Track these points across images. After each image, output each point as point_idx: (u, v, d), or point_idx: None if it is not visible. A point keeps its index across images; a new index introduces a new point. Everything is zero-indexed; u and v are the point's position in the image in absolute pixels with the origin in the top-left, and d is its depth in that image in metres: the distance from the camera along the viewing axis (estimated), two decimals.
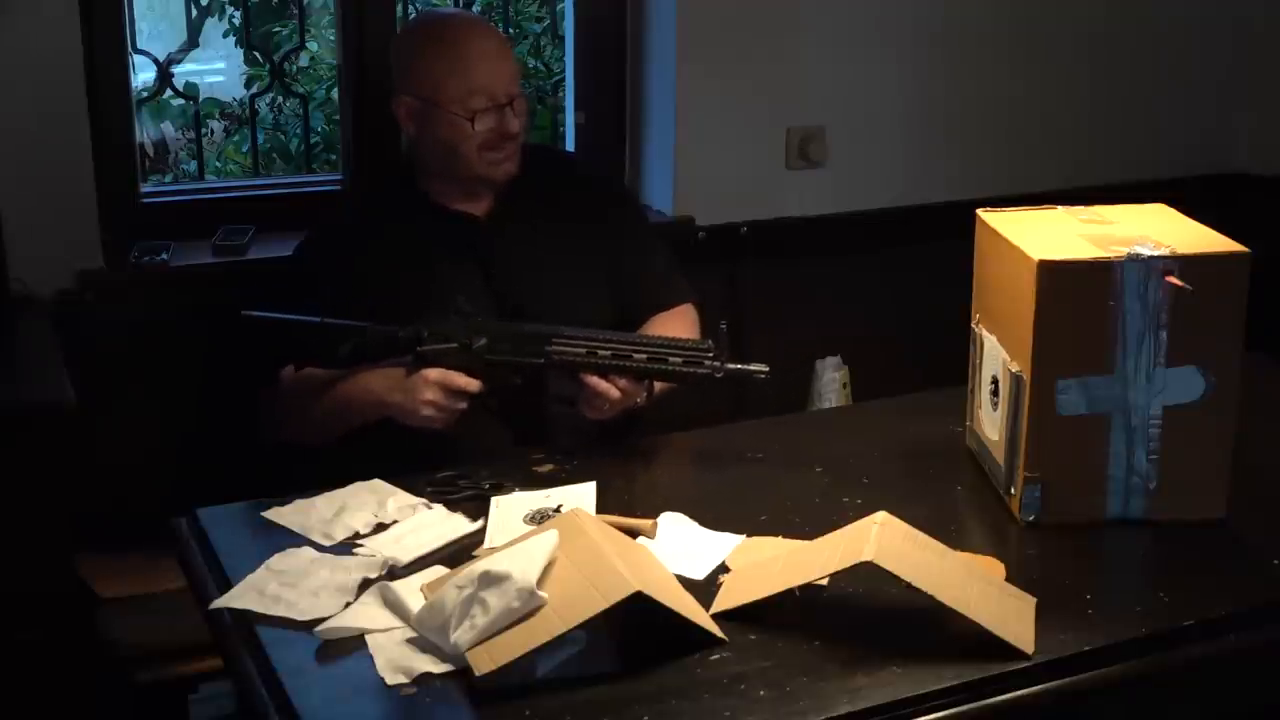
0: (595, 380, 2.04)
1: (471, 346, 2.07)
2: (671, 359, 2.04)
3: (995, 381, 1.91)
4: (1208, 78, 3.49)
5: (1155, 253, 1.76)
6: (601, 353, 2.04)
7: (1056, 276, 1.75)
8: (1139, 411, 1.80)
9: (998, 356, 1.90)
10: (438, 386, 2.07)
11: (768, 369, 2.04)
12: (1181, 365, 1.79)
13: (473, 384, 2.07)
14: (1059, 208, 2.00)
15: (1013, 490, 1.85)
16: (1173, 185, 2.82)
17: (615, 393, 2.05)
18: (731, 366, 2.03)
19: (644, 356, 2.04)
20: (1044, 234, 1.86)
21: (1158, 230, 1.87)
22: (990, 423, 1.93)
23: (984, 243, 1.98)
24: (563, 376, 2.08)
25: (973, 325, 2.00)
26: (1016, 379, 1.81)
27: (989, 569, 1.69)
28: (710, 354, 2.03)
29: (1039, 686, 1.50)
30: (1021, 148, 3.30)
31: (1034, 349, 1.77)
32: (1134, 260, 1.75)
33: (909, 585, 1.52)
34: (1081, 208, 2.00)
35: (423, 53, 2.30)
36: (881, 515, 1.63)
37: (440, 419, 2.09)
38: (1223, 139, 3.51)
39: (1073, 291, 1.76)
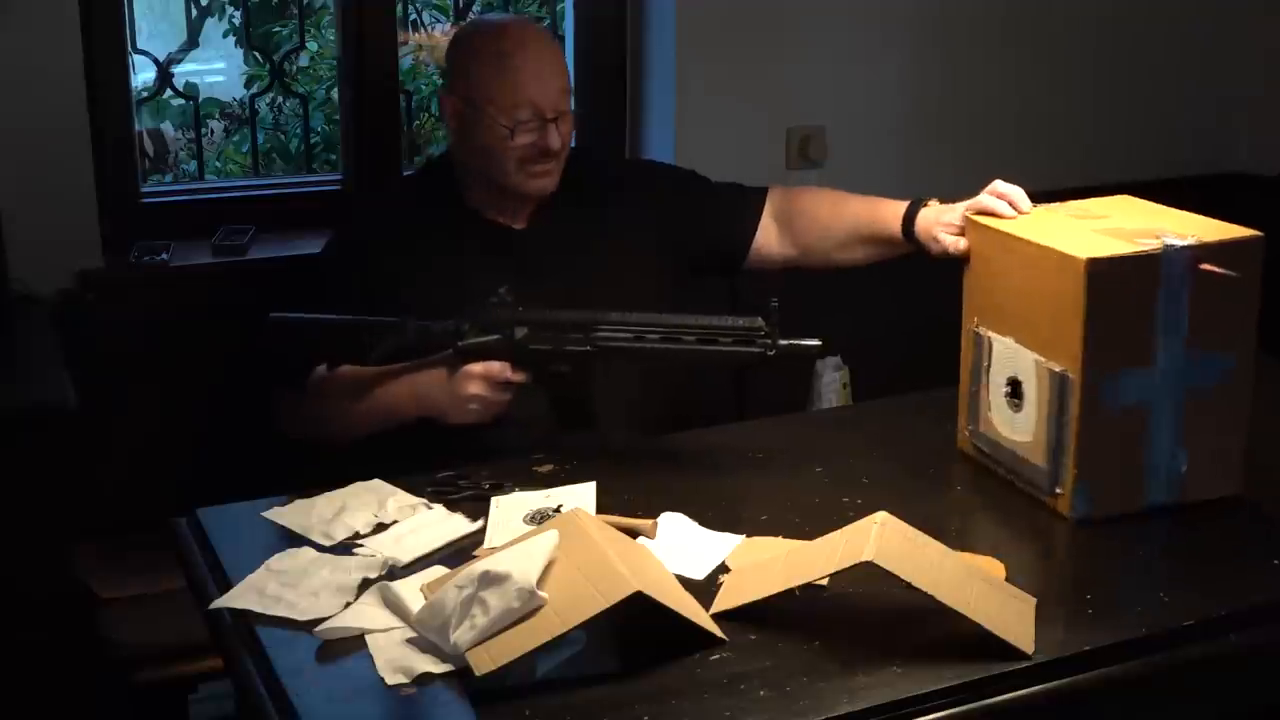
0: None
1: (514, 337, 2.03)
2: (722, 340, 1.99)
3: (1013, 383, 1.91)
4: (1208, 78, 3.49)
5: (1186, 242, 1.79)
6: (650, 336, 2.01)
7: (1105, 273, 1.76)
8: (1173, 399, 1.83)
9: (1018, 358, 1.90)
10: (482, 380, 2.03)
11: (820, 342, 1.99)
12: (1207, 349, 1.83)
13: (518, 374, 2.04)
14: (1039, 206, 2.01)
15: (1058, 490, 1.85)
16: (1173, 185, 2.82)
17: None
18: (784, 343, 1.98)
19: (693, 339, 1.99)
20: (1058, 232, 1.88)
21: (1157, 220, 1.91)
22: (1011, 424, 1.93)
23: (983, 245, 1.98)
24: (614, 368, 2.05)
25: (973, 329, 1.99)
26: (1060, 378, 1.82)
27: (989, 569, 1.69)
28: (762, 332, 1.98)
29: (1039, 686, 1.50)
30: (1021, 148, 3.30)
31: (1084, 347, 1.78)
32: (1173, 251, 1.78)
33: (909, 585, 1.52)
34: (1057, 204, 2.02)
35: (477, 55, 2.25)
36: (881, 515, 1.62)
37: (486, 414, 2.07)
38: (1223, 139, 3.51)
39: (1119, 287, 1.78)
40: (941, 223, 2.12)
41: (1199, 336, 1.81)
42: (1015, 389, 1.91)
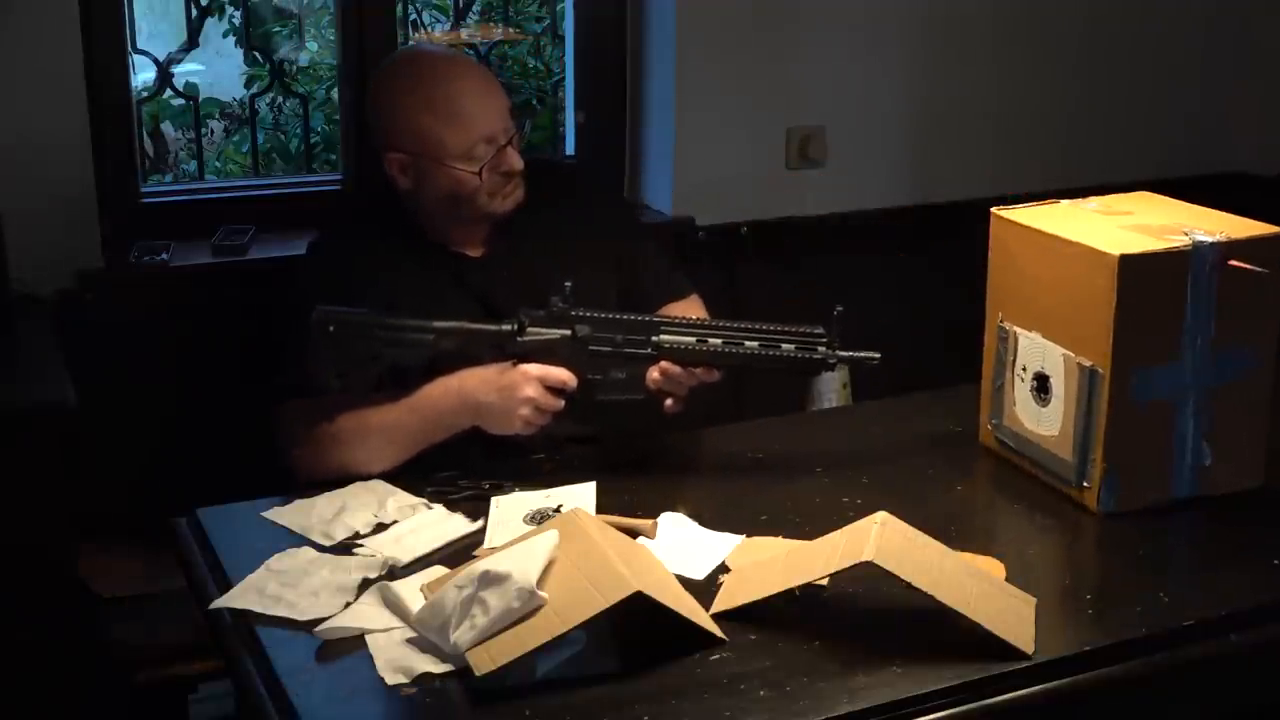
0: (667, 366, 1.97)
1: (575, 335, 1.98)
2: (784, 346, 1.97)
3: (1040, 377, 1.92)
4: (1208, 78, 3.49)
5: (1216, 239, 1.81)
6: (712, 340, 1.97)
7: (1138, 269, 1.78)
8: (1199, 393, 1.85)
9: (1044, 352, 1.91)
10: (539, 382, 1.96)
11: (879, 355, 1.97)
12: (1232, 344, 1.85)
13: (572, 379, 1.97)
14: (1063, 201, 2.03)
15: (1086, 483, 1.86)
16: (1173, 185, 2.82)
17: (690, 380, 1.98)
18: (844, 354, 1.97)
19: (756, 344, 1.96)
20: (1087, 228, 1.89)
21: (1181, 216, 1.93)
22: (1037, 418, 1.93)
23: (1011, 241, 1.98)
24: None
25: (999, 323, 2.00)
26: (1090, 372, 1.83)
27: (989, 569, 1.69)
28: (824, 340, 1.97)
29: (1039, 686, 1.50)
30: (1021, 147, 3.30)
31: (1115, 342, 1.79)
32: (1203, 247, 1.80)
33: (909, 585, 1.52)
34: (1083, 200, 2.03)
35: (412, 108, 2.16)
36: (881, 515, 1.63)
37: (536, 421, 1.98)
38: (1223, 139, 3.51)
39: (1150, 283, 1.80)
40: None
41: (1225, 331, 1.84)
42: (1042, 383, 1.92)
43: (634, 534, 1.78)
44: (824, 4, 3.04)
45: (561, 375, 1.98)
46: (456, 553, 1.77)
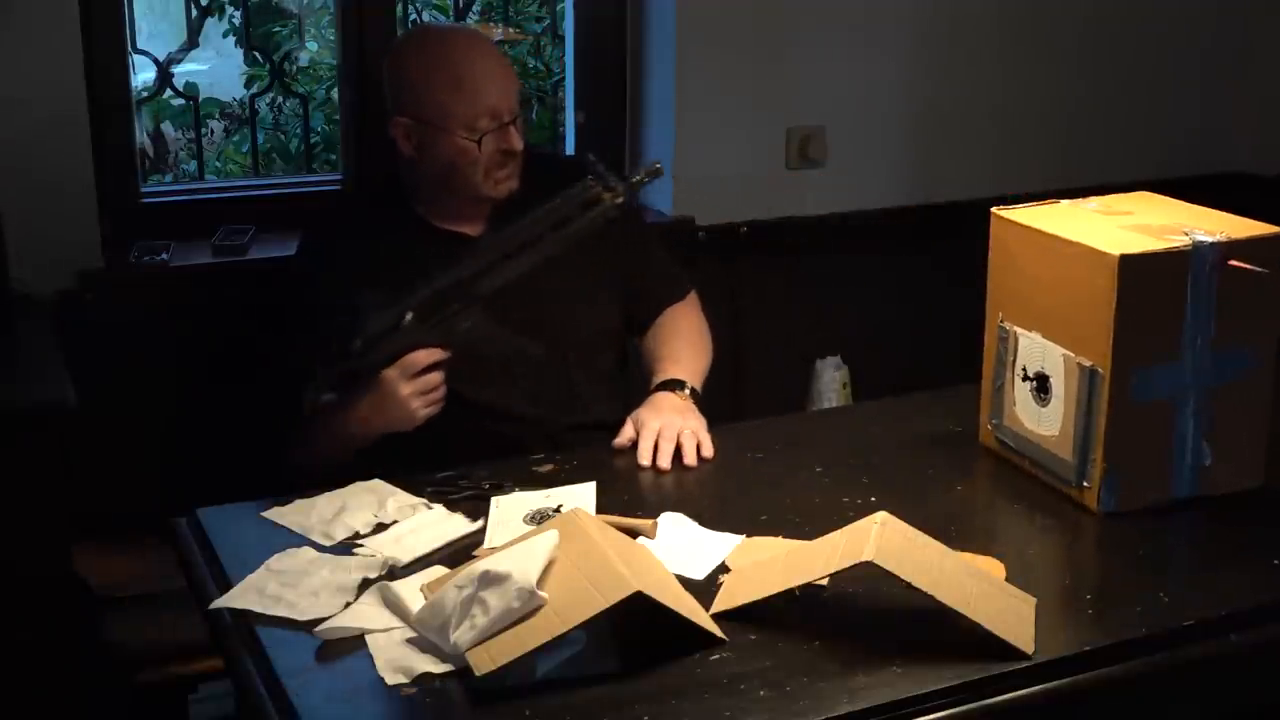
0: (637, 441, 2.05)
1: (399, 327, 2.02)
2: (574, 216, 2.01)
3: (1040, 377, 1.92)
4: (1208, 78, 3.49)
5: (1216, 239, 1.81)
6: (512, 257, 2.01)
7: (1138, 269, 1.78)
8: (1199, 393, 1.85)
9: (1044, 352, 1.91)
10: (402, 379, 2.01)
11: (659, 164, 2.06)
12: (1232, 344, 1.85)
13: (435, 353, 2.02)
14: (1063, 201, 2.03)
15: (1086, 483, 1.86)
16: (1173, 185, 2.83)
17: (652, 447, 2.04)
18: (625, 185, 2.02)
19: (549, 229, 2.01)
20: (1087, 228, 1.89)
21: (1181, 216, 1.93)
22: (1037, 418, 1.93)
23: (1011, 241, 1.98)
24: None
25: (999, 323, 2.00)
26: (1090, 372, 1.83)
27: (989, 569, 1.69)
28: (599, 186, 2.00)
29: (1039, 686, 1.50)
30: (1021, 147, 3.30)
31: (1115, 342, 1.79)
32: (1203, 247, 1.80)
33: (909, 585, 1.52)
34: (1083, 200, 2.03)
35: (423, 73, 2.22)
36: (881, 515, 1.63)
37: (431, 402, 2.04)
38: (1223, 139, 3.52)
39: (1151, 283, 1.80)
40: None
41: (1225, 331, 1.84)
42: (1042, 383, 1.92)
43: (634, 534, 1.78)
44: (824, 4, 3.04)
45: (418, 358, 2.02)
46: (456, 553, 1.77)
